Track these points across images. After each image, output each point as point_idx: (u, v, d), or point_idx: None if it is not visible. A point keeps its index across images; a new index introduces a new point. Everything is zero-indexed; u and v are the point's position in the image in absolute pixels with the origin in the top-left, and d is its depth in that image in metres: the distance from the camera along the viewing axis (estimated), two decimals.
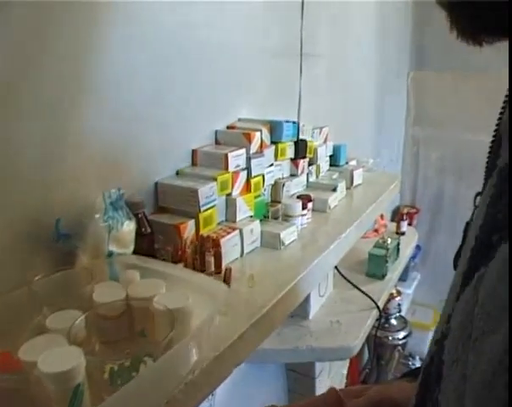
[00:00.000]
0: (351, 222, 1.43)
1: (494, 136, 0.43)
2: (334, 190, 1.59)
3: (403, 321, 2.93)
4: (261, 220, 1.30)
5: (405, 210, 2.70)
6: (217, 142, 1.35)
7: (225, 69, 1.36)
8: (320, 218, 1.47)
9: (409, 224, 2.86)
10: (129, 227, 0.97)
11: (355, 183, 1.78)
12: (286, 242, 1.25)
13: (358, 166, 1.84)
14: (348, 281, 1.98)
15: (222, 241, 1.10)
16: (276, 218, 1.37)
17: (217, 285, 0.86)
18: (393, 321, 2.88)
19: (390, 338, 2.82)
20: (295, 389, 2.00)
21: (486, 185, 0.40)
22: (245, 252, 1.19)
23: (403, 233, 2.62)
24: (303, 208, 1.36)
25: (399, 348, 2.90)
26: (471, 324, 0.32)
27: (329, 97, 2.07)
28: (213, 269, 1.08)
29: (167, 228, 1.09)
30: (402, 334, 2.87)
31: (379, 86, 2.76)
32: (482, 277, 0.33)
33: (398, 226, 2.65)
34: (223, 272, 1.08)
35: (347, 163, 1.88)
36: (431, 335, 2.05)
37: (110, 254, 0.94)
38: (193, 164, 1.27)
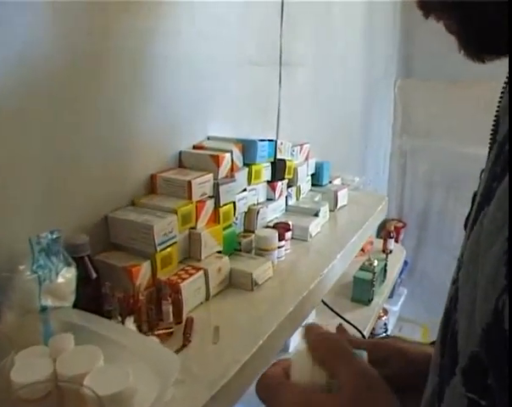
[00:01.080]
0: (334, 254, 1.27)
1: (494, 125, 0.46)
2: (316, 215, 1.43)
3: None
4: (231, 255, 1.14)
5: (392, 227, 2.55)
6: (181, 165, 1.18)
7: (192, 81, 1.19)
8: (301, 248, 1.31)
9: (396, 240, 2.72)
10: (67, 275, 0.81)
11: (339, 205, 1.62)
12: (260, 282, 1.09)
13: (342, 186, 1.69)
14: (332, 311, 1.83)
15: (183, 285, 0.94)
16: (249, 251, 1.21)
17: (168, 355, 0.69)
18: None
19: None
20: None
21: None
22: (211, 294, 1.03)
23: (390, 252, 2.49)
24: (280, 239, 1.20)
25: None
26: (478, 247, 0.37)
27: (311, 111, 1.92)
28: (171, 319, 0.92)
29: (117, 271, 0.93)
30: None
31: (365, 95, 2.62)
32: (486, 213, 0.38)
33: (385, 244, 2.52)
34: (183, 323, 0.92)
35: (330, 182, 1.72)
36: None
37: (44, 309, 0.78)
38: (152, 191, 1.11)
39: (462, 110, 3.04)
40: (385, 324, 2.71)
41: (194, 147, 1.23)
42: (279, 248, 1.20)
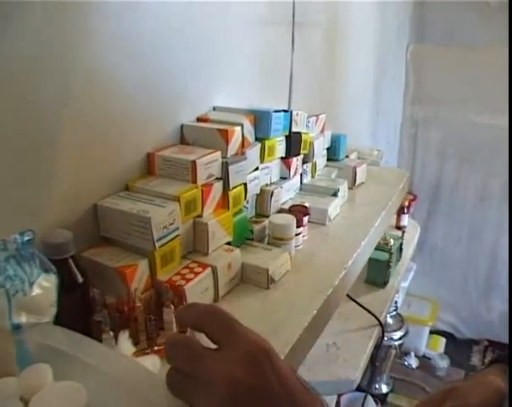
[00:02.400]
0: (358, 241, 1.11)
1: None
2: (334, 195, 1.27)
3: (400, 320, 2.73)
4: (242, 245, 0.98)
5: (406, 202, 2.39)
6: (183, 141, 1.01)
7: (195, 43, 1.02)
8: (319, 234, 1.15)
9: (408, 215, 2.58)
10: (45, 284, 0.65)
11: (358, 182, 1.45)
12: (277, 278, 0.93)
13: (361, 161, 1.52)
14: (347, 295, 1.68)
15: (187, 287, 0.78)
16: (262, 239, 1.05)
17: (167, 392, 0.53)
18: (389, 320, 2.65)
19: (386, 339, 2.57)
20: None
21: None
22: (220, 295, 0.87)
23: (404, 229, 2.33)
24: (298, 225, 1.04)
25: (395, 347, 2.67)
26: None
27: (323, 78, 1.74)
28: (175, 330, 0.76)
29: (108, 273, 0.76)
30: (398, 334, 2.68)
31: (377, 61, 2.43)
32: None
33: (399, 220, 2.36)
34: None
35: (347, 156, 1.55)
36: (427, 330, 1.84)
37: (17, 328, 0.62)
38: (149, 173, 0.94)
39: (477, 78, 2.88)
40: (395, 302, 2.58)
41: (198, 120, 1.05)
42: (296, 235, 1.04)
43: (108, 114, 0.84)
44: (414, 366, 3.19)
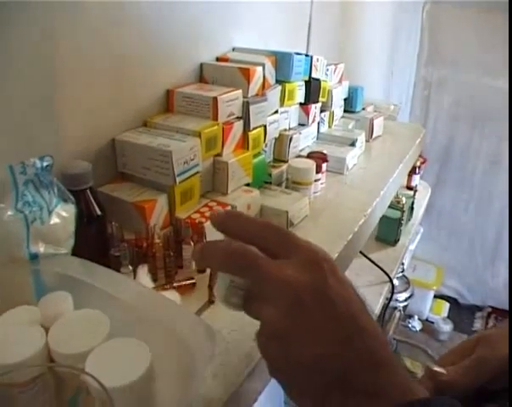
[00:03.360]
0: (377, 190, 1.09)
1: None
2: (352, 144, 1.24)
3: (406, 281, 2.70)
4: (260, 188, 0.96)
5: (418, 162, 2.36)
6: (202, 80, 0.98)
7: None
8: (337, 182, 1.13)
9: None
10: (64, 214, 0.62)
11: (375, 135, 1.42)
12: (296, 222, 0.91)
13: (378, 114, 1.48)
14: (359, 252, 1.67)
15: (207, 225, 0.76)
16: (280, 184, 1.02)
17: (197, 322, 0.51)
18: (395, 281, 2.62)
19: (393, 300, 2.57)
20: None
21: None
22: None
23: (416, 189, 2.31)
24: (317, 171, 1.01)
25: (400, 309, 2.67)
26: None
27: (342, 31, 1.69)
28: (194, 267, 0.74)
29: (126, 208, 0.74)
30: (404, 296, 2.65)
31: (393, 20, 2.38)
32: None
33: (410, 180, 2.33)
34: (208, 271, 0.74)
35: (363, 109, 1.52)
36: (431, 294, 1.83)
37: (33, 258, 0.60)
38: (168, 110, 0.91)
39: (492, 41, 2.80)
40: (402, 263, 2.57)
41: (218, 60, 1.02)
42: (315, 181, 1.02)
43: (125, 51, 0.81)
44: (417, 329, 3.20)
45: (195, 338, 0.47)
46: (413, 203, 2.06)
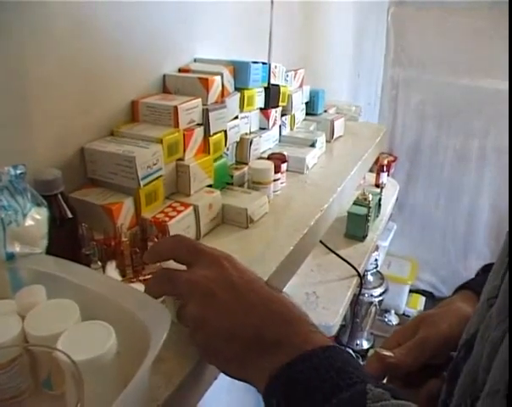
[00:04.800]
0: (334, 187, 1.16)
1: None
2: (312, 145, 1.32)
3: (380, 277, 2.77)
4: (223, 189, 1.03)
5: (385, 161, 2.45)
6: (165, 91, 1.05)
7: None
8: (297, 181, 1.20)
9: (388, 174, 2.63)
10: (37, 217, 0.69)
11: (336, 135, 1.50)
12: (256, 218, 0.98)
13: (339, 115, 1.57)
14: (326, 247, 1.75)
15: (170, 224, 0.83)
16: (242, 185, 1.10)
17: (156, 307, 0.58)
18: (370, 278, 2.71)
19: (366, 295, 2.65)
20: None
21: None
22: (202, 233, 0.92)
23: (383, 186, 2.39)
24: (276, 171, 1.09)
25: (375, 304, 2.74)
26: None
27: (304, 37, 1.77)
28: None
29: (95, 210, 0.81)
30: (378, 291, 2.72)
31: (357, 22, 2.46)
32: None
33: (378, 178, 2.42)
34: None
35: (325, 111, 1.60)
36: (406, 289, 1.92)
37: (10, 257, 0.66)
38: (134, 120, 0.98)
39: (457, 40, 2.91)
40: (376, 260, 2.64)
41: (180, 71, 1.09)
42: (274, 181, 1.09)
43: (93, 63, 0.88)
44: (394, 323, 3.28)
45: (151, 318, 0.54)
46: (380, 199, 2.14)
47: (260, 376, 0.51)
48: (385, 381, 0.68)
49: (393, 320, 3.28)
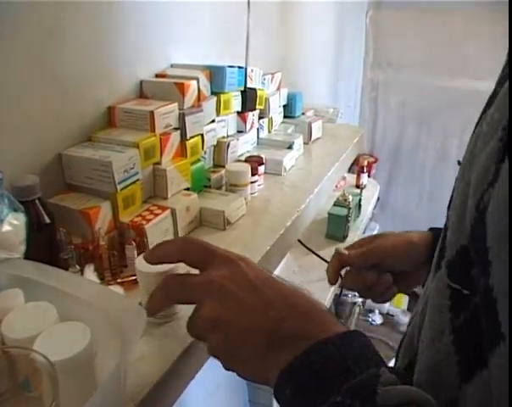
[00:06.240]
0: (311, 188, 1.18)
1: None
2: (290, 147, 1.34)
3: None
4: (200, 192, 1.05)
5: (365, 162, 2.48)
6: (142, 96, 1.07)
7: (153, 2, 1.06)
8: (275, 183, 1.22)
9: (368, 175, 2.66)
10: (15, 222, 0.70)
11: (314, 137, 1.53)
12: (233, 220, 1.00)
13: (316, 118, 1.59)
14: (307, 248, 1.77)
15: (148, 227, 0.84)
16: (220, 188, 1.11)
17: (133, 307, 0.60)
18: None
19: (350, 296, 2.67)
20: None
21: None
22: (180, 236, 0.94)
23: (363, 187, 2.42)
24: (253, 173, 1.11)
25: (359, 305, 2.77)
26: (475, 147, 0.40)
27: (281, 38, 1.79)
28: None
29: (73, 215, 0.82)
30: None
31: (336, 25, 2.49)
32: (486, 115, 0.41)
33: (358, 179, 2.45)
34: None
35: (303, 114, 1.62)
36: None
37: None
38: (111, 125, 0.99)
39: (434, 41, 2.94)
40: None
41: (156, 76, 1.11)
42: (252, 183, 1.11)
43: (69, 70, 0.89)
44: (378, 323, 3.30)
45: (127, 318, 0.55)
46: (360, 200, 2.17)
47: (279, 370, 0.50)
48: (342, 272, 0.83)
49: (377, 319, 3.30)
